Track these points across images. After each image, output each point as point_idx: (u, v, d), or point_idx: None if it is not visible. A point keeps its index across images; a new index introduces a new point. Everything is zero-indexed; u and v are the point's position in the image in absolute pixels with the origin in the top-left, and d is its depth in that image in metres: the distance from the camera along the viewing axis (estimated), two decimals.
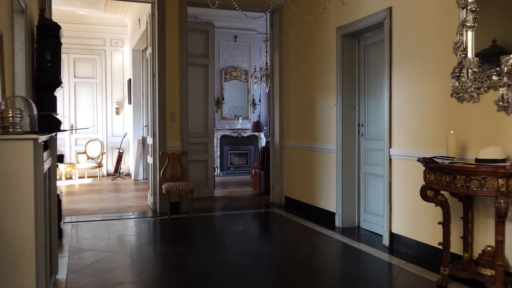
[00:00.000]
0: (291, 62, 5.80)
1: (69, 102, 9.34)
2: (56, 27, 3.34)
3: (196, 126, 6.50)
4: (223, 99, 10.15)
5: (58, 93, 6.52)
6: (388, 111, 3.87)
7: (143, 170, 8.99)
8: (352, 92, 4.60)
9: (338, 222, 4.64)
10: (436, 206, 2.97)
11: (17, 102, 2.15)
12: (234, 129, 10.15)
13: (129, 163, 9.74)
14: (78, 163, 8.96)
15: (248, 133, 10.20)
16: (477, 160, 2.68)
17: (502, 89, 2.81)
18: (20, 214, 1.64)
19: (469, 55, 3.03)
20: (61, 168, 8.87)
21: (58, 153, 6.76)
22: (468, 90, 3.04)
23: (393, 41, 3.81)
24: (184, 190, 5.23)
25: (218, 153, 10.03)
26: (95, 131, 9.64)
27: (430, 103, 3.42)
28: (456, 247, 3.15)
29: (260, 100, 10.60)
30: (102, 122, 9.65)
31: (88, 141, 9.25)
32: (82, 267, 3.33)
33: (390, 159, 3.87)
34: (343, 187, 4.61)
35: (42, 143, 1.95)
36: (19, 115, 1.80)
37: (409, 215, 3.69)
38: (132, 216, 5.30)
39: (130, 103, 9.32)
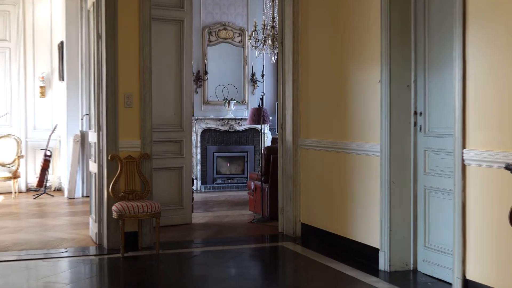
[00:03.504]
0: (311, 18, 5.80)
1: None
2: None
3: (164, 115, 6.51)
4: (206, 73, 10.17)
5: None
6: (461, 91, 3.88)
7: (83, 183, 9.01)
8: (405, 63, 4.60)
9: (383, 264, 4.65)
10: None
11: None
12: (223, 119, 10.19)
13: (60, 172, 9.76)
14: None
15: (245, 125, 10.22)
16: None
17: None
18: None
19: None
20: None
21: None
22: None
23: None
24: (146, 214, 5.23)
25: (199, 156, 10.06)
26: (7, 122, 9.66)
27: None
28: None
29: (263, 76, 10.62)
30: (19, 109, 9.67)
31: None
32: None
33: (464, 166, 3.87)
34: (391, 209, 4.61)
35: None
36: None
37: (493, 253, 3.69)
38: (66, 254, 5.31)
39: (63, 80, 9.33)
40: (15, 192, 8.91)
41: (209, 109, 10.25)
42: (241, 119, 10.19)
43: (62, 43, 9.23)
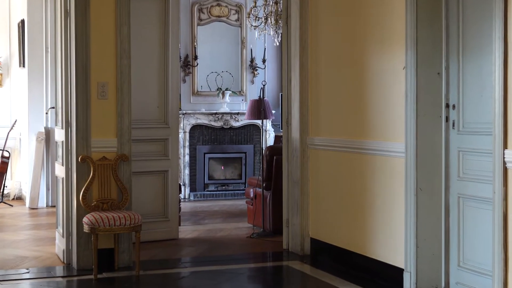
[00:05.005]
0: None
1: None
2: None
3: (146, 109, 6.52)
4: (196, 58, 10.17)
5: None
6: (502, 80, 3.87)
7: (48, 190, 9.01)
8: (435, 47, 4.60)
9: (408, 287, 4.66)
10: None
11: None
12: (216, 113, 10.18)
13: (20, 178, 9.76)
14: None
15: (243, 121, 10.22)
16: None
17: None
18: None
19: None
20: None
21: None
22: None
23: None
24: (124, 228, 5.23)
25: (187, 158, 10.06)
26: None
27: None
28: None
29: (264, 61, 10.61)
30: None
31: None
32: None
33: (505, 170, 3.87)
34: (418, 221, 4.61)
35: None
36: None
37: None
38: (27, 276, 5.30)
39: (23, 66, 9.34)
40: None
41: (199, 101, 10.24)
42: (238, 113, 10.19)
43: (22, 21, 9.23)
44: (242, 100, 10.41)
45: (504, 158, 3.87)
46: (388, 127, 4.95)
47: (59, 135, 5.89)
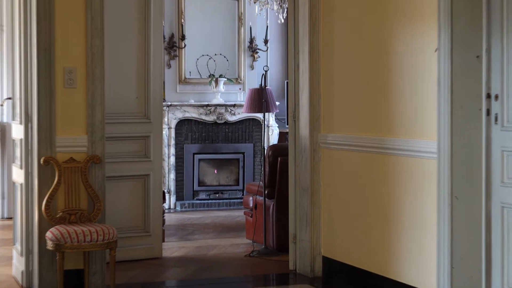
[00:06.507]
0: None
1: None
2: None
3: (122, 100, 6.53)
4: (183, 38, 10.15)
5: None
6: None
7: (3, 198, 9.00)
8: (474, 24, 4.59)
9: None
10: None
11: None
12: (208, 105, 10.19)
13: None
14: None
15: (240, 115, 10.22)
16: None
17: None
18: None
19: None
20: None
21: None
22: None
23: None
24: (96, 244, 5.22)
25: (173, 159, 10.07)
26: None
27: None
28: None
29: (266, 42, 10.60)
30: None
31: None
32: None
33: None
34: (453, 236, 4.61)
35: None
36: None
37: None
38: None
39: None
40: None
41: (188, 90, 10.24)
42: (234, 105, 10.20)
43: None
44: (240, 89, 10.41)
45: None
46: (417, 122, 4.95)
47: (17, 131, 5.89)
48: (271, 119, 10.23)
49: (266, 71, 7.60)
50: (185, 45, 10.13)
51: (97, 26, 5.49)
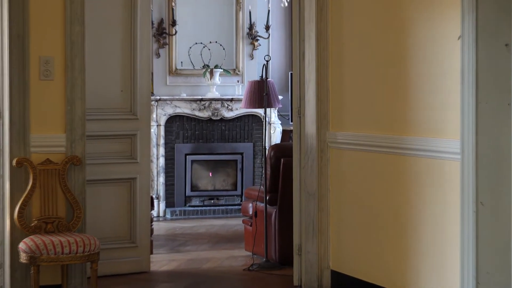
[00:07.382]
0: None
1: None
2: None
3: (106, 94, 6.54)
4: (174, 24, 10.15)
5: None
6: None
7: None
8: (502, 9, 4.58)
9: None
10: None
11: None
12: (202, 100, 10.22)
13: None
14: None
15: (239, 111, 10.24)
16: None
17: None
18: None
19: None
20: None
21: None
22: None
23: None
24: (76, 257, 5.22)
25: (162, 161, 10.08)
26: None
27: None
28: None
29: (268, 28, 10.61)
30: None
31: None
32: None
33: None
34: (479, 247, 4.60)
35: None
36: None
37: None
38: None
39: None
40: None
41: (179, 82, 10.26)
42: (231, 100, 10.23)
43: None
44: (238, 81, 10.42)
45: None
46: (438, 118, 4.95)
47: None
48: (273, 115, 10.25)
49: (267, 61, 7.60)
50: (176, 32, 10.14)
51: (76, 10, 5.51)
